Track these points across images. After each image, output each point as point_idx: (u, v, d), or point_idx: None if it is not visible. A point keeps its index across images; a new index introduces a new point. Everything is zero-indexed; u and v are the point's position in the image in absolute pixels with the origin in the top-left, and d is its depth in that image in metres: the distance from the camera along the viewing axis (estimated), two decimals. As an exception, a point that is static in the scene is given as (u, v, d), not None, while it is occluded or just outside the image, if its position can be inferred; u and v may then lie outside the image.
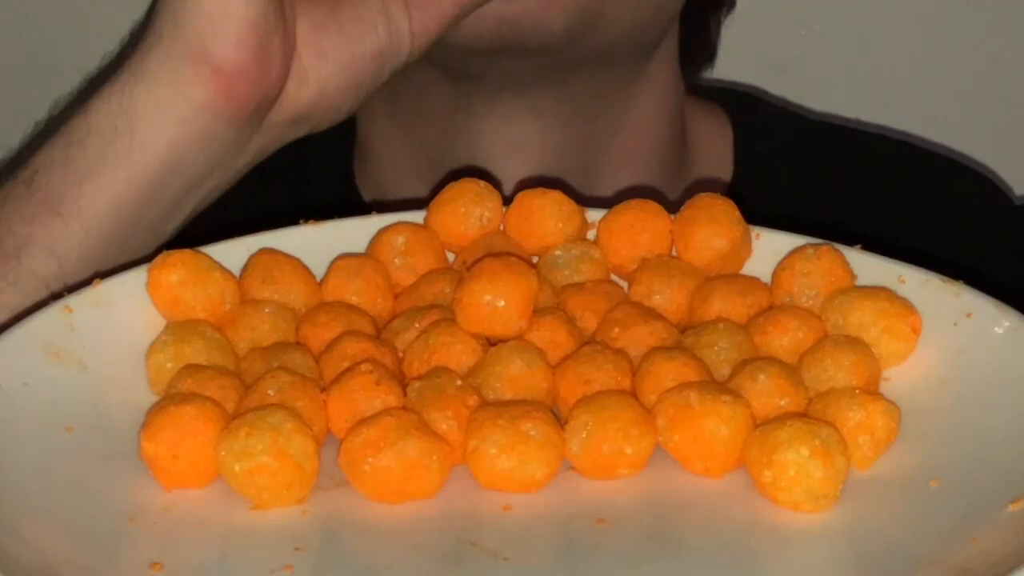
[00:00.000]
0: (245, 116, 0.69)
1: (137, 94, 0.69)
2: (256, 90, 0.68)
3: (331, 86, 0.71)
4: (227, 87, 0.67)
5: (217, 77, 0.67)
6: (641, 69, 0.87)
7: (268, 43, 0.68)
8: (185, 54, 0.68)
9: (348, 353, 0.58)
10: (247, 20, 0.67)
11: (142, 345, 0.59)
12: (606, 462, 0.54)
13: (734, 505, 0.53)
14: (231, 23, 0.67)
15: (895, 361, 0.59)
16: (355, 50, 0.71)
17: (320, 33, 0.70)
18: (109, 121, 0.69)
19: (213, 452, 0.53)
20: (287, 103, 0.70)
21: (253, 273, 0.62)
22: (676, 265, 0.63)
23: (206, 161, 0.69)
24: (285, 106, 0.70)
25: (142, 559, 0.50)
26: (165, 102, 0.68)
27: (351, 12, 0.71)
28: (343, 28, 0.71)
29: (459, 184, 0.66)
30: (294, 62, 0.70)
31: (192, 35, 0.67)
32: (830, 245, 0.62)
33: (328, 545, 0.52)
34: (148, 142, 0.68)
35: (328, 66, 0.71)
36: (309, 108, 0.71)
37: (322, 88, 0.71)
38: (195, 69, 0.67)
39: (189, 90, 0.68)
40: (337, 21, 0.71)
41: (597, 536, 0.52)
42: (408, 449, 0.52)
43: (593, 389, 0.56)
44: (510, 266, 0.59)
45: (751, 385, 0.56)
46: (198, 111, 0.68)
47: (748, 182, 0.92)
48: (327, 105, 0.72)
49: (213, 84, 0.67)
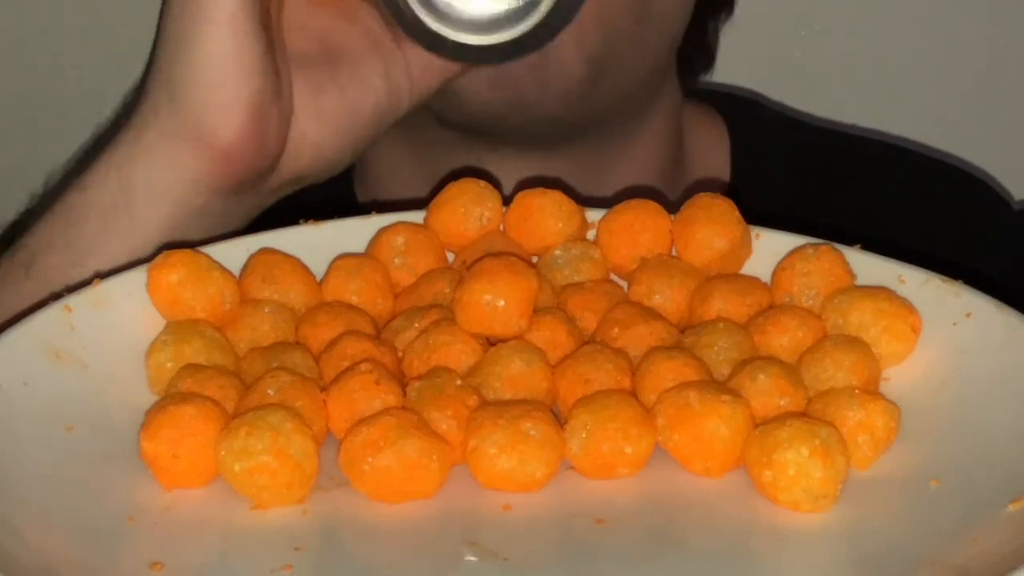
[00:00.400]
0: (242, 188, 0.69)
1: (134, 173, 0.68)
2: (253, 165, 0.68)
3: (328, 147, 0.71)
4: (225, 164, 0.67)
5: (214, 155, 0.67)
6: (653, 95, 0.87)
7: (265, 118, 0.67)
8: (182, 132, 0.67)
9: (348, 353, 0.58)
10: (245, 98, 0.66)
11: (142, 345, 0.59)
12: (606, 462, 0.54)
13: (734, 505, 0.53)
14: (229, 101, 0.66)
15: (895, 361, 0.59)
16: (354, 111, 0.71)
17: (319, 97, 0.70)
18: (108, 198, 0.68)
19: (213, 452, 0.53)
20: (284, 167, 0.70)
21: (253, 273, 0.62)
22: (676, 265, 0.63)
23: (203, 230, 0.69)
24: (282, 170, 0.70)
25: (142, 559, 0.50)
26: (163, 182, 0.68)
27: (351, 73, 0.71)
28: (343, 91, 0.70)
29: (459, 184, 0.66)
30: (292, 126, 0.69)
31: (190, 113, 0.67)
32: (830, 245, 0.62)
33: (328, 545, 0.52)
34: (148, 221, 0.68)
35: (327, 129, 0.70)
36: (305, 169, 0.71)
37: (319, 149, 0.70)
38: (193, 147, 0.67)
39: (187, 168, 0.67)
40: (336, 84, 0.70)
41: (597, 536, 0.52)
42: (408, 449, 0.52)
43: (593, 389, 0.56)
44: (510, 266, 0.59)
45: (751, 385, 0.56)
46: (196, 189, 0.68)
47: (745, 187, 0.92)
48: (324, 165, 0.71)
49: (211, 162, 0.67)
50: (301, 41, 0.71)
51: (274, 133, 0.68)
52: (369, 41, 0.72)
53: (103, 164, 0.69)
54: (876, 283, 0.61)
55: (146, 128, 0.68)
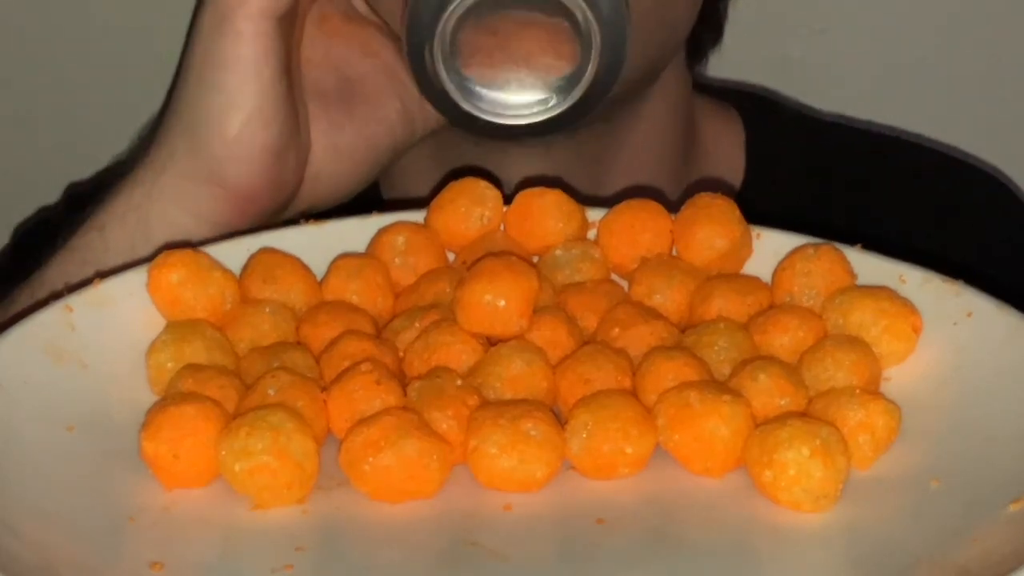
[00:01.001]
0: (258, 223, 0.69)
1: (153, 215, 0.69)
2: (269, 205, 0.69)
3: (344, 179, 0.71)
4: (242, 207, 0.68)
5: (233, 199, 0.68)
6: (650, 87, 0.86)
7: (284, 161, 0.68)
8: (200, 176, 0.68)
9: (348, 353, 0.58)
10: (264, 145, 0.67)
11: (142, 345, 0.59)
12: (606, 462, 0.54)
13: (734, 505, 0.53)
14: (248, 149, 0.67)
15: (895, 361, 0.59)
16: (370, 144, 0.71)
17: (336, 134, 0.70)
18: (127, 240, 0.69)
19: (213, 452, 0.53)
20: (301, 200, 0.71)
21: (253, 273, 0.62)
22: (676, 265, 0.63)
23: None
24: (299, 203, 0.71)
25: (142, 559, 0.50)
26: (181, 224, 0.68)
27: (367, 108, 0.71)
28: (360, 126, 0.71)
29: (459, 184, 0.66)
30: (308, 163, 0.70)
31: (208, 158, 0.67)
32: (830, 245, 0.62)
33: (328, 545, 0.52)
34: None
35: (343, 163, 0.71)
36: (322, 201, 0.72)
37: (336, 183, 0.71)
38: (211, 192, 0.68)
39: (205, 212, 0.68)
40: (352, 119, 0.71)
41: (597, 536, 0.52)
42: (408, 449, 0.52)
43: (593, 389, 0.56)
44: (510, 266, 0.59)
45: (751, 385, 0.56)
46: (213, 230, 0.68)
47: (760, 182, 0.91)
48: (340, 195, 0.72)
49: (228, 205, 0.68)
50: (319, 75, 0.71)
51: (291, 174, 0.69)
52: (385, 74, 0.72)
53: (121, 204, 0.70)
54: (877, 283, 0.61)
55: (165, 171, 0.69)
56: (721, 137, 0.94)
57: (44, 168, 1.04)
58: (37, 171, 1.08)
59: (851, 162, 0.94)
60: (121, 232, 0.69)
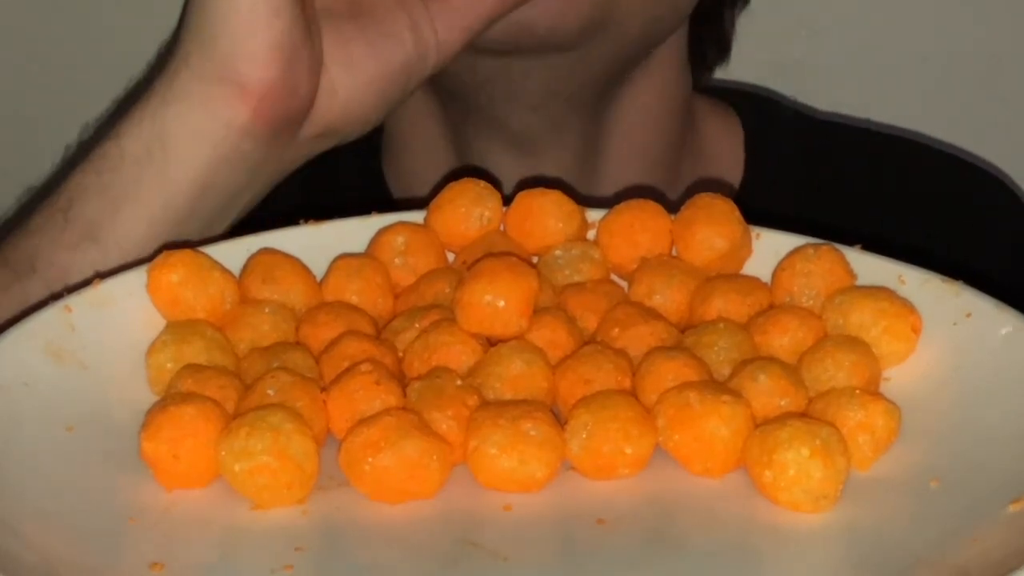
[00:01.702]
0: (276, 133, 0.69)
1: (168, 118, 0.69)
2: (286, 107, 0.68)
3: (359, 99, 0.71)
4: (257, 106, 0.68)
5: (246, 97, 0.67)
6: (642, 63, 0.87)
7: (295, 60, 0.68)
8: (213, 75, 0.68)
9: (348, 353, 0.58)
10: (273, 39, 0.67)
11: (142, 345, 0.59)
12: (606, 462, 0.54)
13: (734, 505, 0.53)
14: (257, 43, 0.67)
15: (895, 361, 0.59)
16: (383, 63, 0.71)
17: (347, 47, 0.70)
18: (142, 145, 0.69)
19: (213, 452, 0.53)
20: (316, 117, 0.70)
21: (253, 273, 0.62)
22: (676, 265, 0.63)
23: (239, 179, 0.70)
24: (315, 120, 0.70)
25: (142, 559, 0.50)
26: (196, 125, 0.68)
27: (378, 26, 0.71)
28: (371, 41, 0.71)
29: (459, 184, 0.66)
30: (322, 76, 0.70)
31: (219, 56, 0.67)
32: (830, 245, 0.62)
33: (328, 545, 0.52)
34: (182, 165, 0.68)
35: (357, 79, 0.71)
36: (338, 121, 0.71)
37: (351, 101, 0.71)
38: (224, 90, 0.68)
39: (220, 111, 0.68)
40: (364, 35, 0.71)
41: (597, 536, 0.52)
42: (408, 449, 0.52)
43: (593, 389, 0.56)
44: (510, 266, 0.59)
45: (751, 385, 0.56)
46: (230, 131, 0.68)
47: (759, 182, 0.92)
48: (355, 117, 0.72)
49: (243, 104, 0.68)
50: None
51: (305, 76, 0.68)
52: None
53: (137, 112, 0.70)
54: (876, 283, 0.61)
55: (178, 75, 0.69)
56: (720, 137, 0.94)
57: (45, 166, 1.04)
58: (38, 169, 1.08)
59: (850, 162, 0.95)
60: (137, 138, 0.69)
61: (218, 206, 0.70)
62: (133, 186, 0.68)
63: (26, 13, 1.16)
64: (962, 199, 0.94)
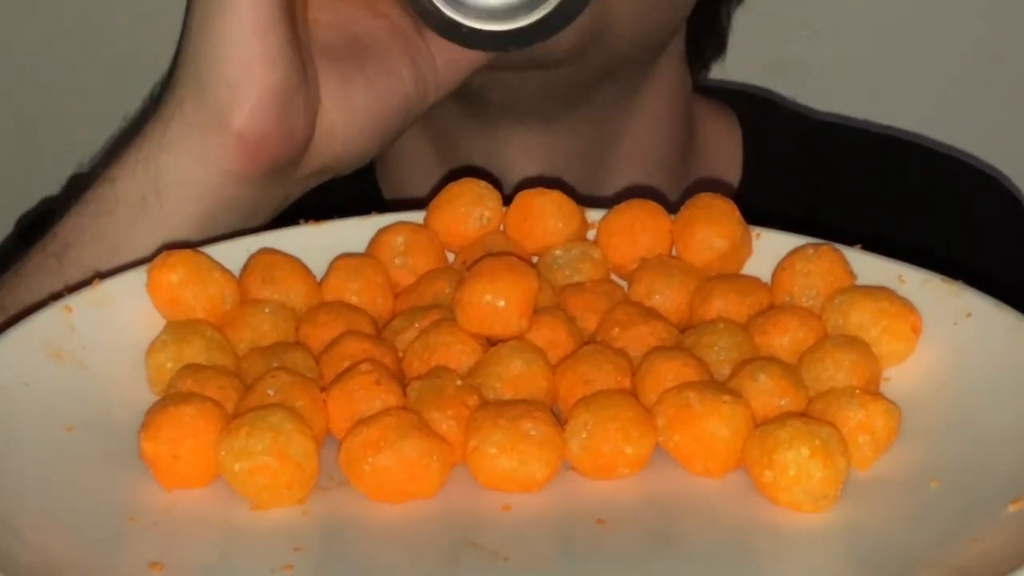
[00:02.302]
0: (272, 178, 0.69)
1: (163, 164, 0.68)
2: (281, 153, 0.68)
3: (357, 137, 0.71)
4: (252, 154, 0.67)
5: (241, 145, 0.67)
6: (647, 71, 0.87)
7: (291, 106, 0.67)
8: (208, 123, 0.67)
9: (348, 353, 0.58)
10: (269, 87, 0.67)
11: (142, 345, 0.59)
12: (606, 462, 0.54)
13: (734, 505, 0.53)
14: (253, 91, 0.67)
15: (895, 361, 0.59)
16: (382, 101, 0.71)
17: (347, 87, 0.70)
18: (137, 191, 0.69)
19: (213, 452, 0.53)
20: (314, 157, 0.70)
21: (253, 273, 0.62)
22: (676, 265, 0.63)
23: (234, 221, 0.69)
24: (312, 160, 0.70)
25: (142, 559, 0.50)
26: (191, 172, 0.68)
27: (378, 65, 0.71)
28: (370, 80, 0.71)
29: (459, 184, 0.66)
30: (320, 116, 0.69)
31: (214, 104, 0.67)
32: (830, 245, 0.62)
33: (328, 545, 0.52)
34: (178, 212, 0.68)
35: (355, 118, 0.70)
36: (335, 159, 0.71)
37: (348, 139, 0.71)
38: (219, 139, 0.67)
39: (214, 159, 0.68)
40: (364, 74, 0.71)
41: (597, 536, 0.52)
42: (408, 449, 0.52)
43: (593, 389, 0.56)
44: (510, 266, 0.59)
45: (751, 385, 0.56)
46: (225, 180, 0.68)
47: (757, 183, 0.92)
48: (353, 154, 0.72)
49: (237, 152, 0.67)
50: (327, 35, 0.71)
51: (301, 122, 0.68)
52: (395, 34, 0.72)
53: (131, 156, 0.70)
54: (876, 283, 0.61)
55: (173, 120, 0.69)
56: (718, 137, 0.94)
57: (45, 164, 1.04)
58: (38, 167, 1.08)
59: (849, 162, 0.95)
60: (131, 184, 0.69)
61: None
62: (128, 232, 0.68)
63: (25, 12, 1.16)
64: (962, 199, 0.94)
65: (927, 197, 0.93)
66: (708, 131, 0.94)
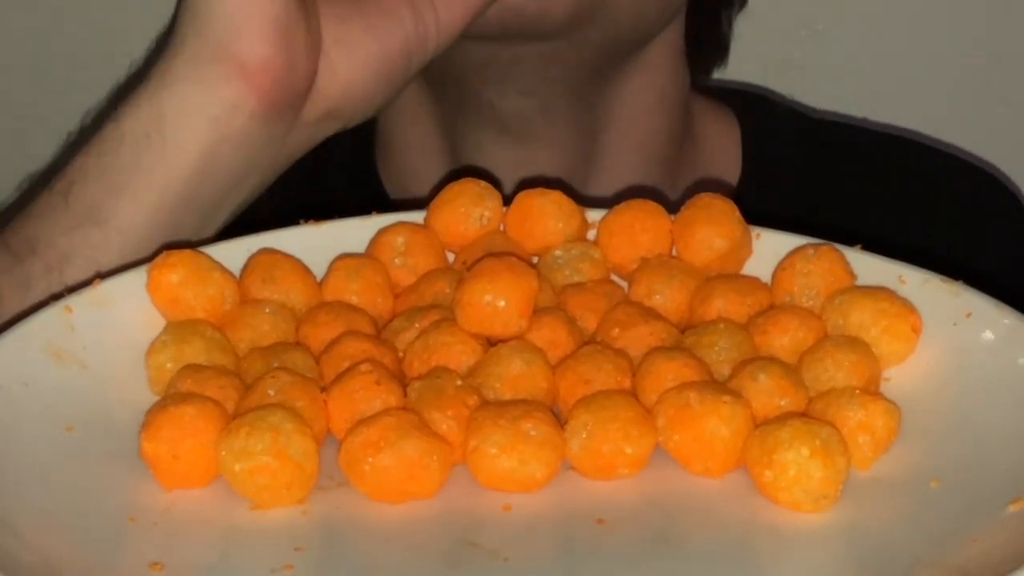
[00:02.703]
0: (276, 112, 0.69)
1: (166, 99, 0.68)
2: (285, 85, 0.68)
3: (360, 79, 0.71)
4: (255, 84, 0.67)
5: (244, 75, 0.67)
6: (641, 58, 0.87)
7: (292, 37, 0.68)
8: (210, 55, 0.68)
9: (348, 353, 0.58)
10: (268, 16, 0.67)
11: (142, 345, 0.59)
12: (606, 462, 0.54)
13: (734, 505, 0.53)
14: (253, 20, 0.67)
15: (895, 361, 0.59)
16: (382, 43, 0.71)
17: (346, 27, 0.70)
18: (141, 128, 0.69)
19: (213, 452, 0.53)
20: (317, 98, 0.70)
21: (253, 273, 0.62)
22: (676, 265, 0.63)
23: (241, 162, 0.69)
24: (316, 102, 0.70)
25: (142, 559, 0.50)
26: (194, 105, 0.68)
27: (377, 5, 0.71)
28: (369, 22, 0.71)
29: (459, 184, 0.66)
30: (322, 56, 0.69)
31: (215, 36, 0.67)
32: (830, 245, 0.62)
33: (328, 545, 0.52)
34: (181, 146, 0.68)
35: (356, 60, 0.70)
36: (340, 103, 0.71)
37: (351, 82, 0.71)
38: (221, 69, 0.67)
39: (217, 90, 0.68)
40: (363, 15, 0.71)
41: (597, 536, 0.52)
42: (408, 449, 0.52)
43: (593, 389, 0.56)
44: (510, 266, 0.59)
45: (751, 385, 0.56)
46: (229, 111, 0.68)
47: (756, 182, 0.92)
48: (357, 99, 0.71)
49: (241, 82, 0.67)
50: None
51: (303, 54, 0.68)
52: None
53: (135, 96, 0.70)
54: (876, 283, 0.61)
55: (175, 57, 0.69)
56: (717, 136, 0.94)
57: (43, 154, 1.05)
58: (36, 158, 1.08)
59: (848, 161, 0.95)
60: (136, 121, 0.69)
61: (220, 189, 0.70)
62: (132, 169, 0.68)
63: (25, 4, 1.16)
64: (962, 199, 0.94)
65: (928, 196, 0.93)
66: (707, 129, 0.94)
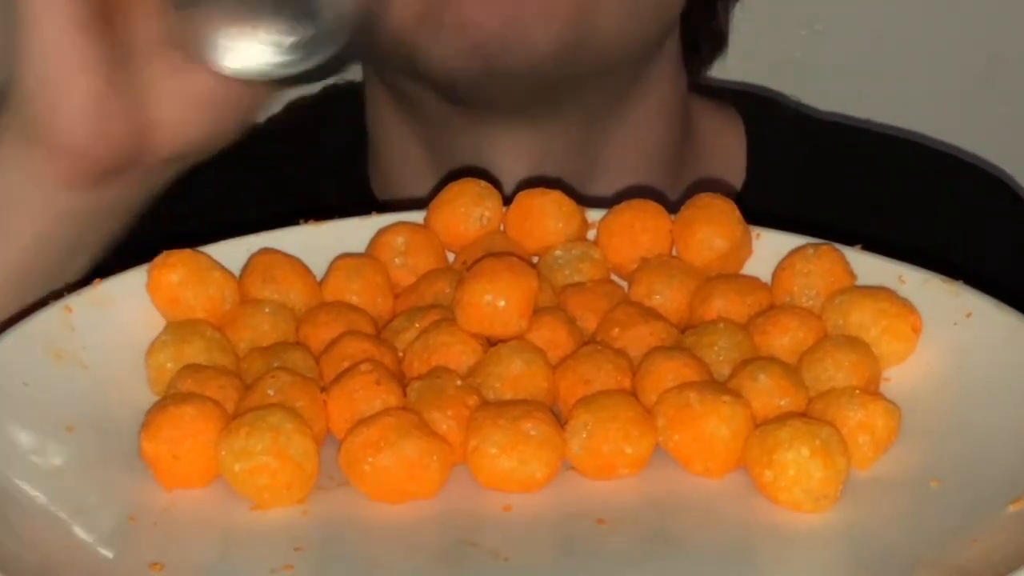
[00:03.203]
0: (103, 181, 0.68)
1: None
2: (102, 159, 0.68)
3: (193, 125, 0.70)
4: (77, 162, 0.67)
5: (65, 154, 0.67)
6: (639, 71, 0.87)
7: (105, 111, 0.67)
8: (32, 137, 0.67)
9: (348, 353, 0.58)
10: (87, 93, 0.66)
11: (142, 345, 0.59)
12: (606, 462, 0.54)
13: (734, 505, 0.53)
14: (71, 99, 0.66)
15: (895, 361, 0.59)
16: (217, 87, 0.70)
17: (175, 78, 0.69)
18: None
19: (213, 452, 0.53)
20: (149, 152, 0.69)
21: (253, 273, 0.62)
22: (676, 265, 0.63)
23: (79, 228, 0.69)
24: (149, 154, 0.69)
25: (142, 559, 0.50)
26: (21, 191, 0.68)
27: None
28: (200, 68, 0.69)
29: (459, 184, 0.66)
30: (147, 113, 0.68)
31: (36, 116, 0.67)
32: (830, 245, 0.62)
33: (328, 545, 0.52)
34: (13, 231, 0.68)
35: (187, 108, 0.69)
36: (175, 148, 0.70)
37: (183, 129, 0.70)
38: (43, 151, 0.67)
39: (42, 174, 0.67)
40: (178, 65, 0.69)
41: (597, 536, 0.52)
42: (408, 449, 0.52)
43: (593, 389, 0.56)
44: (510, 266, 0.59)
45: (751, 385, 0.56)
46: (54, 192, 0.68)
47: (761, 183, 0.91)
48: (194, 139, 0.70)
49: (62, 162, 0.67)
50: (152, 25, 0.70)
51: (119, 126, 0.68)
52: None
53: None
54: (876, 283, 0.61)
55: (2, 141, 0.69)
56: (721, 137, 0.94)
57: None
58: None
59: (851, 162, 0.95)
60: None
61: (61, 256, 0.70)
62: None
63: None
64: (962, 199, 0.94)
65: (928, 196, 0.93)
66: (711, 131, 0.93)
